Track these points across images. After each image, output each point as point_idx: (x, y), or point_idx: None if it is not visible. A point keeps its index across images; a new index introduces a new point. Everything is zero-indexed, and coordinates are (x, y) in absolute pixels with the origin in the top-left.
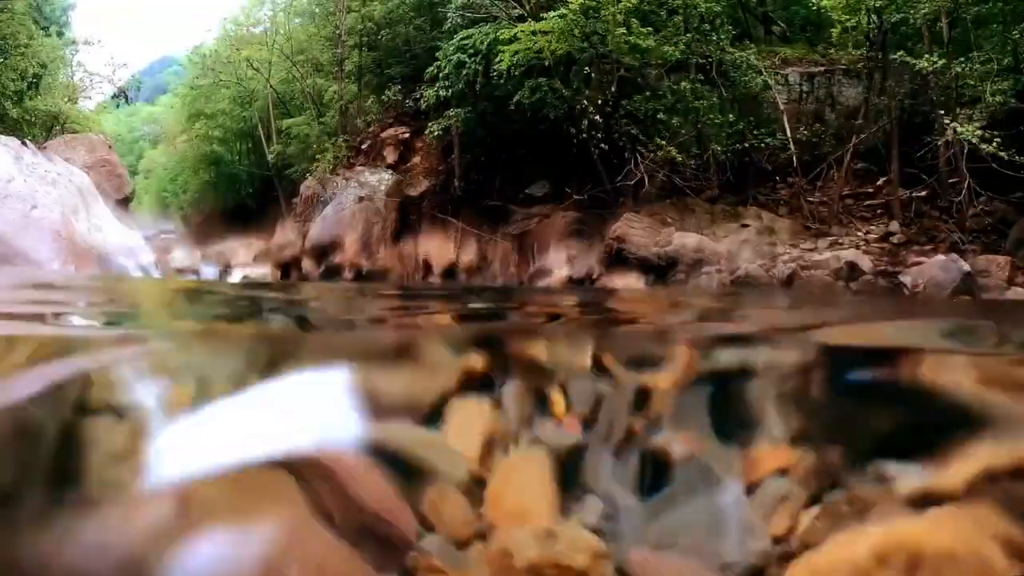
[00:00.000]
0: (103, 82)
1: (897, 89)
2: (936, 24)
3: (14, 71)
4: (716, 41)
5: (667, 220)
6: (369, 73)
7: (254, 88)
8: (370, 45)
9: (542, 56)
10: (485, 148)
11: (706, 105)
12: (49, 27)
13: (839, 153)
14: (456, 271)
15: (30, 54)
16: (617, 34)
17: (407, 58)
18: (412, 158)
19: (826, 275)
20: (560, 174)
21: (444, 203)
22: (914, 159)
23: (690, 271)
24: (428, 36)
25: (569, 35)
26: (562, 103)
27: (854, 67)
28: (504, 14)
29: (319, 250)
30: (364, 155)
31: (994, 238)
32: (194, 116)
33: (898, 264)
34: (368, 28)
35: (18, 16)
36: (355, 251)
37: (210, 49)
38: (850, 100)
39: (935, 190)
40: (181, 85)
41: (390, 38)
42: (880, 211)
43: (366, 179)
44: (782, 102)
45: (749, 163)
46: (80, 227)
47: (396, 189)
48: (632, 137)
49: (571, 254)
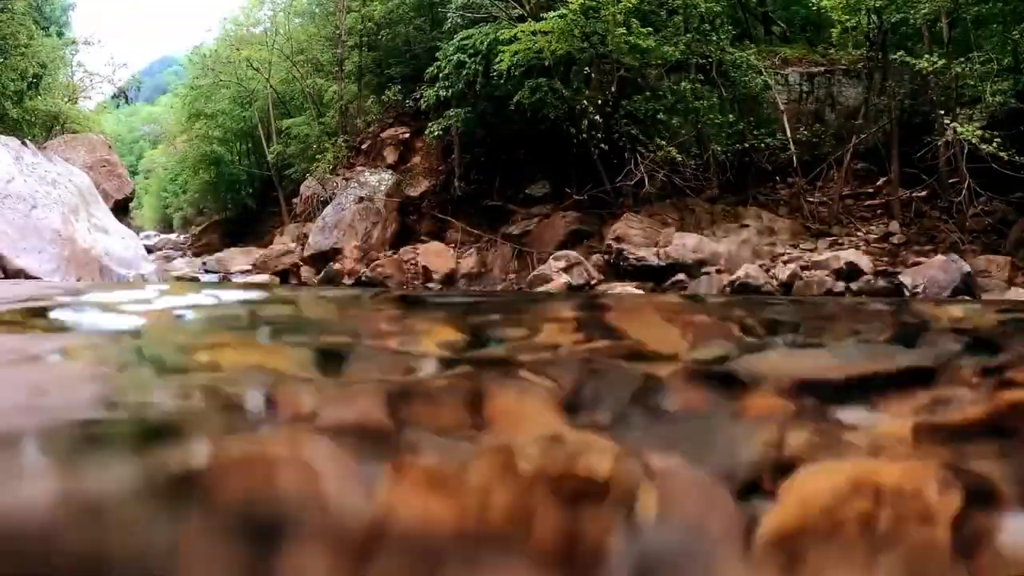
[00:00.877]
0: (103, 82)
1: (897, 89)
2: (936, 24)
3: (14, 71)
4: (716, 41)
5: (667, 220)
6: (369, 73)
7: (254, 88)
8: (370, 45)
9: (542, 56)
10: (485, 148)
11: (706, 105)
12: (49, 27)
13: (839, 153)
14: (455, 278)
15: (30, 54)
16: (617, 34)
17: (407, 58)
18: (412, 158)
19: (826, 275)
20: (560, 174)
21: (444, 203)
22: (914, 159)
23: (690, 275)
24: (428, 36)
25: (569, 35)
26: (562, 103)
27: (854, 67)
28: (504, 14)
29: (318, 257)
30: (364, 155)
31: (994, 238)
32: (194, 116)
33: (898, 264)
34: (368, 28)
35: (18, 16)
36: (355, 258)
37: (210, 49)
38: (850, 100)
39: (935, 190)
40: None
41: (390, 38)
42: (880, 211)
43: (366, 179)
44: (782, 102)
45: (749, 163)
46: (80, 227)
47: (396, 189)
48: (632, 137)
49: (570, 259)
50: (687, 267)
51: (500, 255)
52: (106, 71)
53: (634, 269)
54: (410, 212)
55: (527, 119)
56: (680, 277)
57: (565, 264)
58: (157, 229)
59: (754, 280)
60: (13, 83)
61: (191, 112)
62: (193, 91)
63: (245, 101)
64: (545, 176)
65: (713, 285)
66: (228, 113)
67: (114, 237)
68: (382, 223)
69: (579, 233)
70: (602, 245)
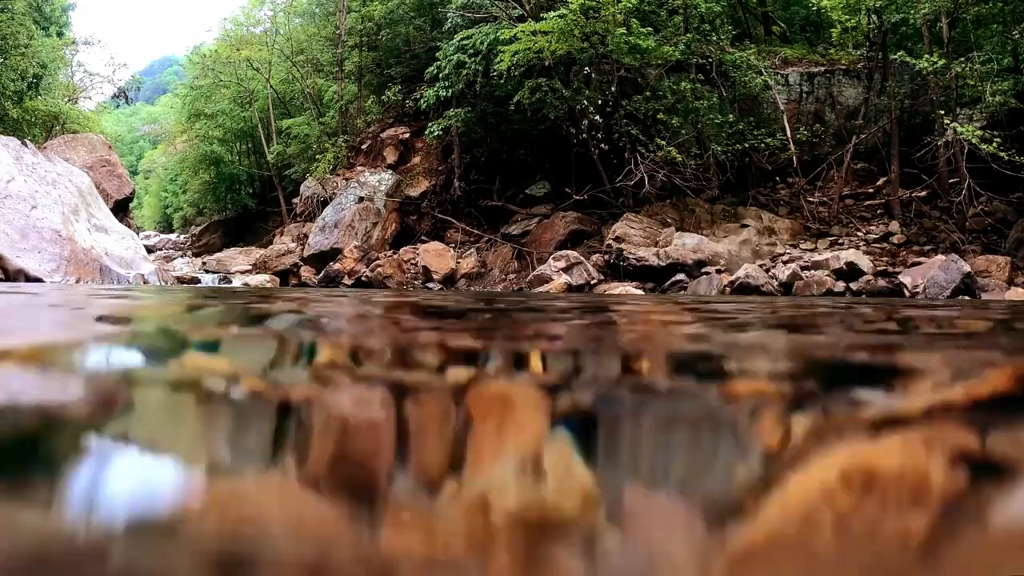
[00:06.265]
0: (103, 82)
1: (897, 89)
2: (936, 24)
3: (14, 71)
4: (716, 41)
5: (667, 220)
6: (369, 73)
7: (254, 88)
8: (370, 45)
9: (542, 56)
10: (485, 148)
11: (706, 105)
12: (49, 27)
13: (839, 153)
14: (455, 278)
15: (30, 54)
16: (617, 34)
17: (407, 58)
18: (412, 158)
19: (826, 275)
20: (560, 174)
21: (444, 203)
22: (914, 159)
23: (690, 275)
24: (428, 36)
25: (569, 35)
26: (562, 103)
27: (854, 67)
28: (504, 14)
29: (318, 257)
30: (364, 155)
31: (994, 238)
32: (194, 116)
33: (898, 264)
34: (368, 28)
35: (18, 16)
36: (354, 258)
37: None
38: (850, 100)
39: (935, 190)
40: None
41: (390, 38)
42: (880, 211)
43: (366, 179)
44: (782, 102)
45: (749, 163)
46: (80, 228)
47: (396, 189)
48: (632, 137)
49: (570, 259)
50: (687, 267)
51: (500, 255)
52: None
53: (634, 269)
54: (410, 212)
55: (527, 119)
56: (680, 277)
57: (565, 264)
58: (157, 229)
59: (754, 280)
60: (13, 83)
61: (191, 112)
62: (193, 91)
63: (245, 101)
64: (545, 176)
65: (713, 285)
66: (228, 113)
67: (114, 237)
68: (382, 223)
69: (579, 233)
70: (602, 245)
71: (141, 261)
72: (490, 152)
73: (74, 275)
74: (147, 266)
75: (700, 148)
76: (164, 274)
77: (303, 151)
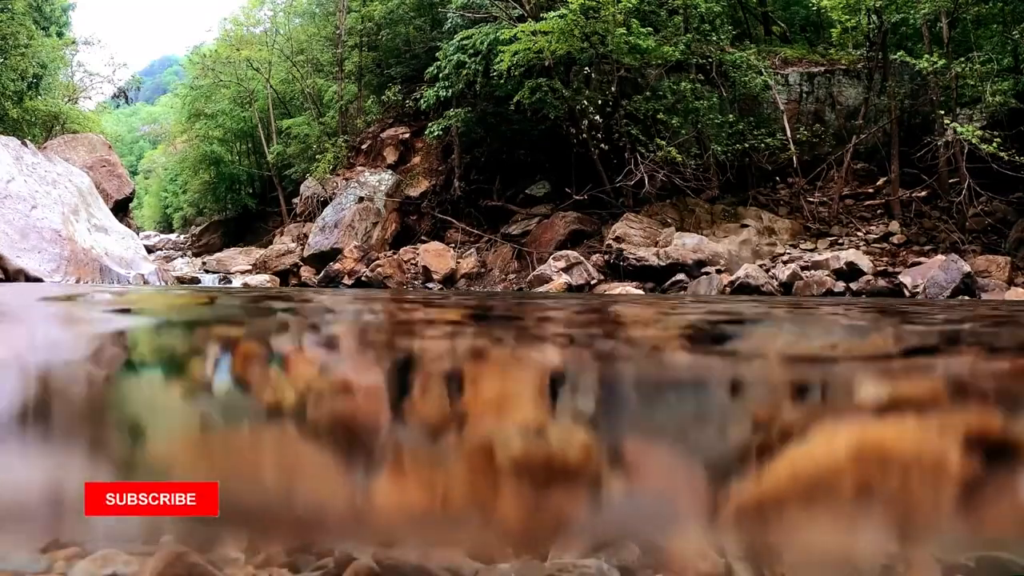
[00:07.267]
0: (103, 82)
1: (897, 89)
2: (936, 24)
3: (14, 71)
4: (716, 41)
5: (667, 220)
6: (369, 73)
7: (254, 88)
8: (370, 45)
9: (542, 56)
10: (485, 148)
11: (706, 105)
12: (49, 27)
13: (839, 153)
14: (455, 278)
15: (30, 54)
16: (617, 34)
17: (407, 58)
18: (412, 158)
19: (826, 275)
20: (560, 174)
21: (444, 203)
22: (914, 159)
23: (690, 275)
24: (428, 36)
25: (569, 35)
26: (562, 103)
27: (854, 67)
28: (504, 14)
29: (318, 257)
30: (364, 155)
31: (994, 238)
32: (194, 116)
33: (898, 264)
34: (368, 28)
35: (18, 16)
36: (355, 258)
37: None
38: (850, 100)
39: (935, 190)
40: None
41: (390, 38)
42: (880, 211)
43: (366, 179)
44: (782, 102)
45: (749, 163)
46: (80, 228)
47: (396, 189)
48: (632, 137)
49: (570, 259)
50: (687, 267)
51: (500, 255)
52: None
53: (634, 269)
54: (410, 212)
55: (527, 119)
56: (680, 277)
57: (565, 264)
58: (157, 229)
59: (754, 280)
60: (13, 83)
61: (191, 112)
62: (193, 91)
63: (245, 101)
64: (545, 176)
65: (713, 285)
66: (228, 113)
67: (114, 237)
68: (382, 223)
69: (579, 233)
70: (602, 245)
71: (141, 261)
72: (490, 152)
73: (74, 275)
74: (147, 266)
75: (700, 148)
76: (164, 274)
77: (303, 151)
